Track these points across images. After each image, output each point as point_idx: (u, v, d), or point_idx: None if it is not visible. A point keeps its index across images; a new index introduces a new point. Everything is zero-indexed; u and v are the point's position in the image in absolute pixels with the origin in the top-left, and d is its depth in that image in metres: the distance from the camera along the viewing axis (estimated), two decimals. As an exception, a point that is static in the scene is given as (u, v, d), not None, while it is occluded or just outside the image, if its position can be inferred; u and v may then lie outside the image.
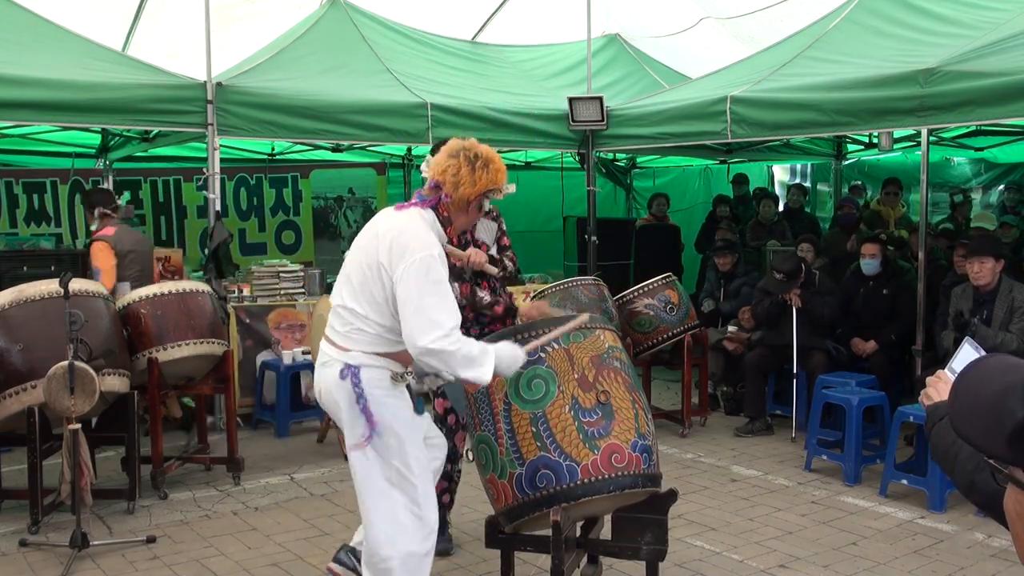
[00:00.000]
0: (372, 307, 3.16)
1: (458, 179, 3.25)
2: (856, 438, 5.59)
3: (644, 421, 3.41)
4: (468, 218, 3.38)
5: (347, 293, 3.24)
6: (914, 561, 4.41)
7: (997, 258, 5.71)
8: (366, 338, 3.18)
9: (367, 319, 3.17)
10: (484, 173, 3.27)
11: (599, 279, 6.68)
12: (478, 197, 3.29)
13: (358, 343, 3.19)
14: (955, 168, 12.03)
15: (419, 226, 3.19)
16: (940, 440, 2.10)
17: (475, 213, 3.38)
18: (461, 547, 4.58)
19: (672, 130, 7.41)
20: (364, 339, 3.18)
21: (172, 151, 9.18)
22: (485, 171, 3.27)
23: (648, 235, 9.91)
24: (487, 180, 3.27)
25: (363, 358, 3.18)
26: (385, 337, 3.18)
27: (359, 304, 3.18)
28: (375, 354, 3.18)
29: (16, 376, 4.67)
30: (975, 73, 5.49)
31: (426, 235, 3.16)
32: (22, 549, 4.52)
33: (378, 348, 3.19)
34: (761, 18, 9.01)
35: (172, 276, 6.81)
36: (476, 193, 3.27)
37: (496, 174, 3.30)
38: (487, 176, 3.27)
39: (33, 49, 6.24)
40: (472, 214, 3.37)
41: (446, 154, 3.31)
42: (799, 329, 6.55)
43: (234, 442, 5.72)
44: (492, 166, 3.30)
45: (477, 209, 3.36)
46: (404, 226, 3.19)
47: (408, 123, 7.08)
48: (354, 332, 3.20)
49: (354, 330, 3.20)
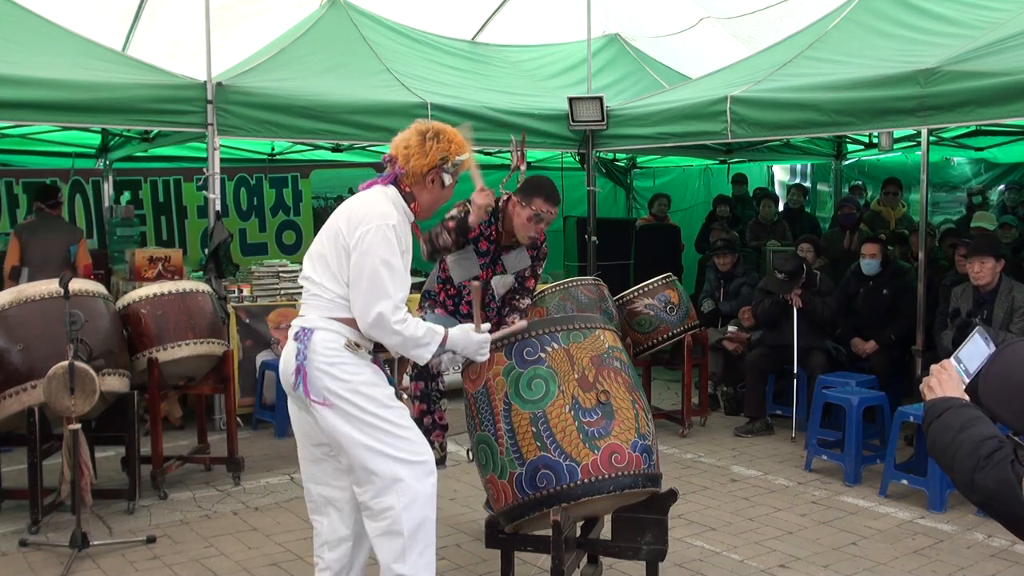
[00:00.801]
0: (327, 275, 3.23)
1: (409, 151, 3.30)
2: (856, 438, 5.59)
3: (644, 421, 3.41)
4: (431, 194, 3.36)
5: (307, 265, 3.33)
6: (914, 561, 4.41)
7: (997, 258, 5.71)
8: (321, 303, 3.24)
9: (322, 286, 3.24)
10: (435, 143, 3.29)
11: (599, 279, 6.68)
12: (432, 170, 3.30)
13: (314, 309, 3.26)
14: (955, 168, 12.03)
15: (379, 199, 3.26)
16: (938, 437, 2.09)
17: (437, 189, 3.35)
18: (461, 547, 4.58)
19: (672, 130, 7.41)
20: (319, 304, 3.25)
21: (172, 151, 9.19)
22: (436, 142, 3.30)
23: (648, 235, 9.92)
24: (437, 150, 3.29)
25: (318, 321, 3.23)
26: (339, 302, 3.23)
27: (315, 272, 3.27)
28: (330, 318, 3.23)
29: (16, 376, 4.67)
30: (975, 73, 5.49)
31: (384, 207, 3.22)
32: (22, 549, 4.52)
33: (332, 313, 3.23)
34: (761, 18, 9.02)
35: (172, 276, 6.80)
36: (428, 165, 3.29)
37: (448, 144, 3.31)
38: (437, 146, 3.29)
39: (33, 49, 6.25)
40: (434, 190, 3.35)
41: (406, 131, 3.38)
42: (799, 329, 6.55)
43: (234, 442, 5.72)
44: (443, 136, 3.32)
45: (440, 185, 3.34)
46: (364, 199, 3.27)
47: (408, 123, 7.03)
48: (311, 298, 3.28)
49: (311, 296, 3.28)
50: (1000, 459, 1.93)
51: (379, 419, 3.21)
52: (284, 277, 7.28)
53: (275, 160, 9.96)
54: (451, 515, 4.95)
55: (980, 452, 1.96)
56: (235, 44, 8.37)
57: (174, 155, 9.51)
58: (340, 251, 3.20)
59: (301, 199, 10.20)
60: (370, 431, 3.19)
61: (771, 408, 6.98)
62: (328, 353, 3.18)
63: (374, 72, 7.60)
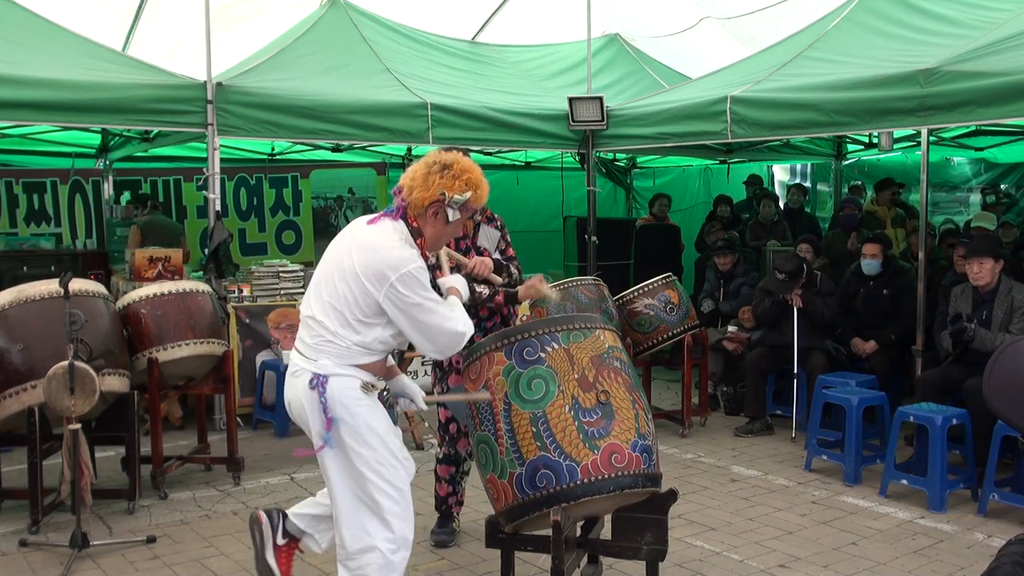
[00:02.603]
0: (341, 324, 3.15)
1: (413, 183, 3.22)
2: (856, 438, 5.59)
3: (644, 421, 3.41)
4: (434, 229, 3.26)
5: (316, 306, 3.21)
6: (914, 561, 4.41)
7: (996, 258, 5.71)
8: (335, 350, 3.17)
9: (336, 335, 3.16)
10: (438, 178, 3.19)
11: (599, 279, 6.69)
12: (433, 204, 3.20)
13: (327, 355, 3.18)
14: (955, 168, 12.03)
15: (392, 241, 3.17)
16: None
17: (441, 224, 3.25)
18: (461, 547, 4.57)
19: (672, 130, 7.41)
20: (333, 351, 3.18)
21: (172, 151, 9.20)
22: (440, 176, 3.19)
23: (648, 235, 9.92)
24: (439, 185, 3.18)
25: (332, 367, 3.17)
26: (355, 350, 3.18)
27: (328, 319, 3.17)
28: (346, 365, 3.19)
29: (16, 376, 4.67)
30: (975, 73, 5.50)
31: (399, 250, 3.14)
32: (22, 549, 4.52)
33: (348, 360, 3.18)
34: (761, 18, 9.03)
35: (172, 276, 6.81)
36: (429, 198, 3.19)
37: (452, 180, 3.19)
38: (440, 181, 3.19)
39: (33, 49, 6.25)
40: (438, 225, 3.25)
41: (419, 161, 3.31)
42: (799, 329, 6.54)
43: (234, 442, 5.72)
44: (449, 172, 3.20)
45: (443, 220, 3.24)
46: (377, 242, 3.16)
47: (408, 123, 7.08)
48: (323, 344, 3.18)
49: (323, 342, 3.18)
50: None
51: (373, 485, 3.20)
52: (284, 277, 7.28)
53: (275, 160, 9.97)
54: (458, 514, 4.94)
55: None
56: (235, 44, 8.37)
57: (174, 155, 9.52)
58: (357, 300, 3.12)
59: (301, 199, 10.20)
60: (362, 497, 3.21)
61: (771, 408, 6.98)
62: (345, 400, 3.17)
63: (374, 72, 7.60)
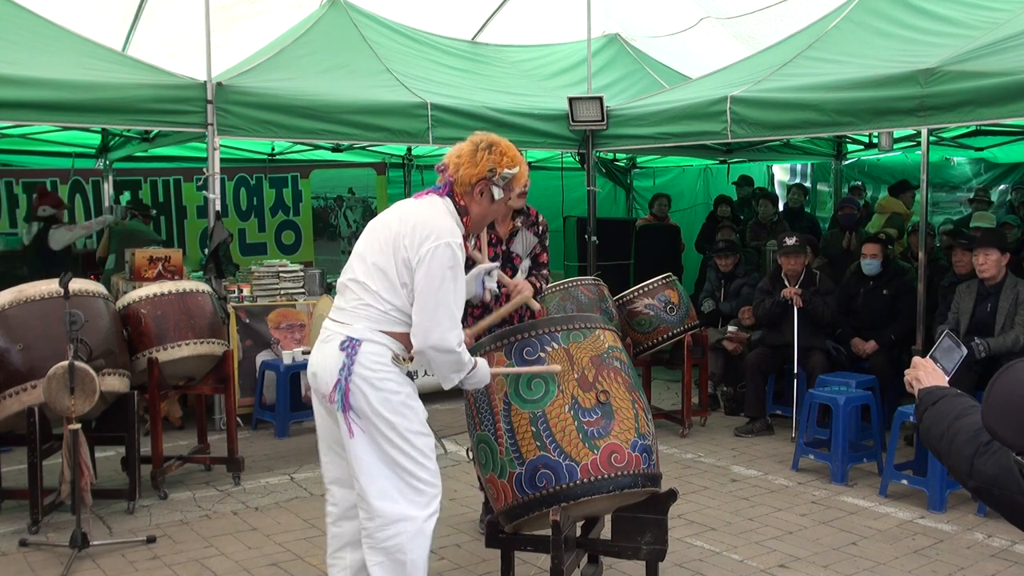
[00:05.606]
0: (385, 285, 3.12)
1: (460, 160, 3.24)
2: (843, 437, 5.57)
3: (644, 421, 3.41)
4: (480, 207, 3.28)
5: (360, 269, 3.18)
6: (914, 561, 4.41)
7: (1002, 251, 5.71)
8: (374, 314, 3.13)
9: (378, 295, 3.12)
10: (487, 154, 3.22)
11: (599, 279, 6.68)
12: (481, 181, 3.23)
13: (363, 318, 3.14)
14: (955, 168, 12.03)
15: (441, 211, 3.18)
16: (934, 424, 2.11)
17: (487, 202, 3.27)
18: (461, 547, 4.58)
19: (672, 130, 7.41)
20: (371, 314, 3.13)
21: (172, 151, 9.20)
22: (488, 152, 3.23)
23: (648, 235, 9.92)
24: (488, 160, 3.21)
25: (367, 332, 3.12)
26: (392, 316, 3.13)
27: (372, 280, 3.14)
28: (380, 331, 3.13)
29: (16, 376, 4.66)
30: (975, 73, 5.49)
31: (449, 222, 3.15)
32: (22, 549, 4.52)
33: (384, 326, 3.13)
34: (761, 18, 9.02)
35: (172, 276, 6.81)
36: (477, 175, 3.21)
37: (500, 156, 3.24)
38: (488, 157, 3.22)
39: (33, 49, 6.25)
40: (483, 203, 3.27)
41: (462, 142, 3.32)
42: (799, 329, 6.54)
43: (234, 442, 5.72)
44: (496, 148, 3.25)
45: (489, 198, 3.26)
46: (427, 210, 3.18)
47: (408, 123, 7.08)
48: (361, 307, 3.15)
49: (362, 305, 3.15)
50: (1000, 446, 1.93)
51: (403, 453, 3.12)
52: (284, 277, 7.28)
53: (275, 160, 9.97)
54: (451, 515, 4.94)
55: (980, 439, 1.97)
56: (235, 44, 8.37)
57: (174, 155, 9.52)
58: (400, 263, 3.10)
59: (301, 199, 10.21)
60: (391, 466, 3.12)
61: (771, 408, 6.98)
62: (375, 367, 3.10)
63: (374, 72, 7.60)
